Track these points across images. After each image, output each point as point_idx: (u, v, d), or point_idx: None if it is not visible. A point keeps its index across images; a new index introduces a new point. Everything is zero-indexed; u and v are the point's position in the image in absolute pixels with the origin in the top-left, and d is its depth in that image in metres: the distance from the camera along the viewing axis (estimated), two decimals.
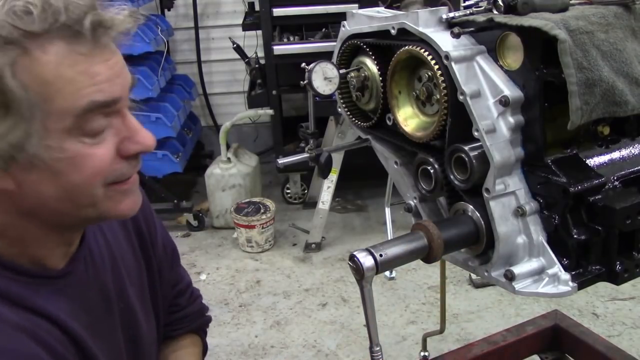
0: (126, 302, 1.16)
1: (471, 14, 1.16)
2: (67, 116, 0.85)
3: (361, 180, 4.23)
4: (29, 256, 0.96)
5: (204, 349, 1.45)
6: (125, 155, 0.93)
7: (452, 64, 1.11)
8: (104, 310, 1.09)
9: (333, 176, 3.68)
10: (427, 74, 1.20)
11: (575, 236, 1.10)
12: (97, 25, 0.85)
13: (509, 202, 1.13)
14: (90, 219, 0.97)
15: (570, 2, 1.14)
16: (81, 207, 0.93)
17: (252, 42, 4.39)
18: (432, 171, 1.22)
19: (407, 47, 1.19)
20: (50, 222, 0.95)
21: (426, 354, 1.63)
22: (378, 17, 1.32)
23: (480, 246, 1.17)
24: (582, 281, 1.11)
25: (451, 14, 1.18)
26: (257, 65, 4.03)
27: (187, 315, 1.41)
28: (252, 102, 4.06)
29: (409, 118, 1.28)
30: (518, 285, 1.13)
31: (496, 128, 1.10)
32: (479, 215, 1.15)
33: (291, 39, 3.89)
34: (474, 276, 3.27)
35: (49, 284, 0.98)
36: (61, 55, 0.83)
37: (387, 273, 3.35)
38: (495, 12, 1.11)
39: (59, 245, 1.00)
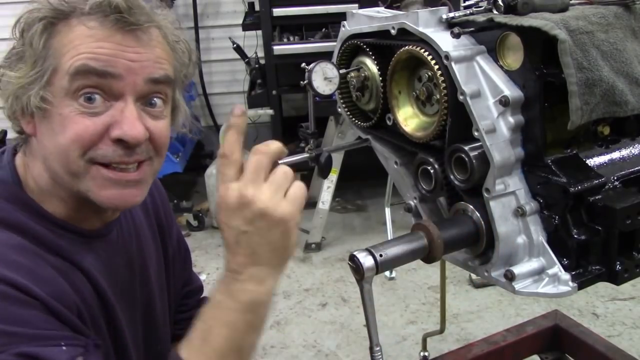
0: (147, 280, 1.23)
1: (471, 14, 1.16)
2: (65, 74, 0.95)
3: (361, 180, 4.23)
4: (71, 217, 1.05)
5: None
6: (110, 136, 0.97)
7: (452, 64, 1.11)
8: (128, 280, 1.17)
9: (333, 176, 3.67)
10: (427, 74, 1.20)
11: (575, 236, 1.10)
12: (126, 10, 0.96)
13: (509, 202, 1.13)
14: (81, 194, 1.01)
15: (570, 2, 1.14)
16: (68, 174, 0.99)
17: (252, 42, 4.38)
18: (432, 171, 1.22)
19: (407, 47, 1.19)
20: (62, 186, 1.01)
21: (426, 354, 1.63)
22: (378, 17, 1.32)
23: (480, 246, 1.17)
24: (582, 281, 1.11)
25: (451, 14, 1.18)
26: (257, 65, 4.02)
27: (193, 317, 1.42)
28: (252, 102, 4.06)
29: (409, 118, 1.28)
30: (518, 285, 1.13)
31: (496, 128, 1.10)
32: (479, 215, 1.15)
33: (291, 39, 3.88)
34: (474, 276, 3.26)
35: (85, 242, 1.07)
36: (87, 29, 0.96)
37: (387, 273, 3.35)
38: (495, 12, 1.11)
39: (89, 212, 1.06)
